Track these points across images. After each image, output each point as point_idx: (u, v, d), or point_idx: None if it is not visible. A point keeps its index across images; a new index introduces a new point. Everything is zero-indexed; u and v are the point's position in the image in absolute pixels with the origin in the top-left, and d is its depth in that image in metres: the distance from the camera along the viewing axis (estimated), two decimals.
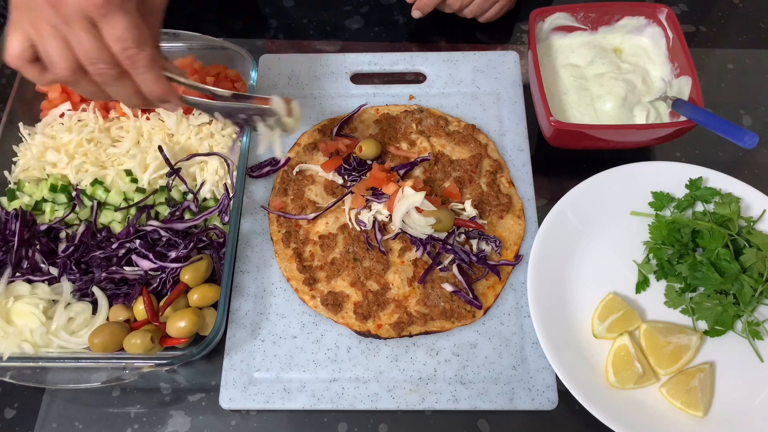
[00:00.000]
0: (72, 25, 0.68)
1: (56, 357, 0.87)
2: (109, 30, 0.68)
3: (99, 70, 0.71)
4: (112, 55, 0.70)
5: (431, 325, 0.93)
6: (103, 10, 0.67)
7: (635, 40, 1.13)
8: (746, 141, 0.86)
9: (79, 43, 0.69)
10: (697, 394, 0.85)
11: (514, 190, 1.05)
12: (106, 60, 0.70)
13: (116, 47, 0.69)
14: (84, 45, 0.69)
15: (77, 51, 0.70)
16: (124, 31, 0.69)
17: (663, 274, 0.95)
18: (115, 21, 0.68)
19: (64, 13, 0.67)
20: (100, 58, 0.70)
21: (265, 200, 1.05)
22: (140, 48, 0.70)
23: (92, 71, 0.71)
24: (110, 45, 0.69)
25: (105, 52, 0.70)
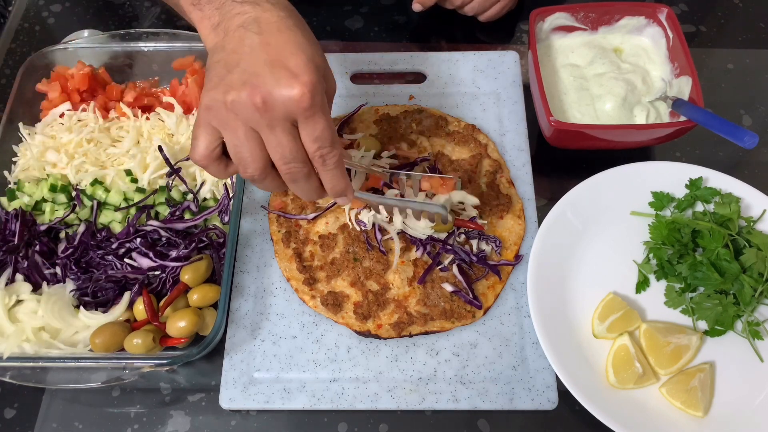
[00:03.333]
0: (275, 129, 0.68)
1: (56, 357, 0.87)
2: (309, 131, 0.69)
3: (291, 169, 0.72)
4: (305, 155, 0.72)
5: (431, 325, 0.93)
6: (309, 112, 0.67)
7: (635, 40, 1.13)
8: (746, 141, 0.86)
9: (279, 145, 0.70)
10: (697, 394, 0.85)
11: (514, 190, 1.05)
12: (300, 160, 0.71)
13: (312, 147, 0.71)
14: (284, 147, 0.70)
15: (273, 152, 0.71)
16: (322, 132, 0.69)
17: (663, 274, 0.95)
18: (316, 122, 0.69)
19: (271, 117, 0.67)
20: (296, 158, 0.71)
21: (265, 200, 1.05)
22: (333, 147, 0.71)
23: (284, 170, 0.72)
24: (307, 145, 0.71)
25: (301, 153, 0.71)
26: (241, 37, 0.69)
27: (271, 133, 0.69)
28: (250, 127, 0.69)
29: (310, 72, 0.67)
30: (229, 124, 0.69)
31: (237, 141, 0.70)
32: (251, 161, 0.71)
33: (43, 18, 1.31)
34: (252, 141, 0.70)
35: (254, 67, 0.67)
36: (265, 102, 0.66)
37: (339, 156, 0.73)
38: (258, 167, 0.72)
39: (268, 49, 0.68)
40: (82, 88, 1.09)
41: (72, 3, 1.33)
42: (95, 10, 1.32)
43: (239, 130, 0.69)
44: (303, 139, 0.70)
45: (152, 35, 1.13)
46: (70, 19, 1.31)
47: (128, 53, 1.15)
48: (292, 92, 0.66)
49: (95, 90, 1.12)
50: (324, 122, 0.69)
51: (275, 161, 0.72)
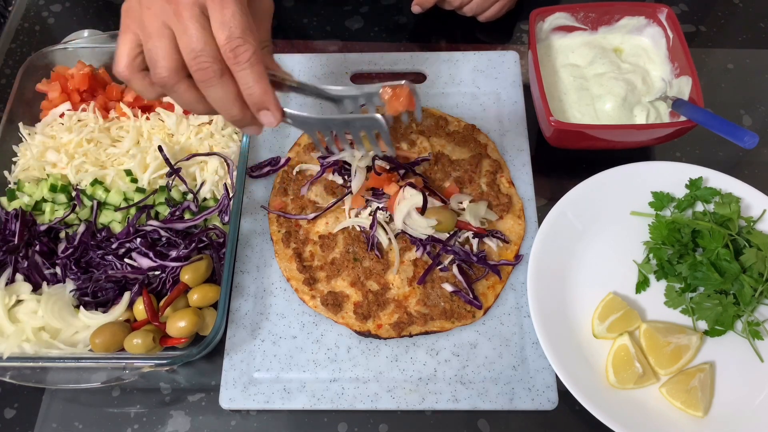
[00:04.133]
0: (182, 15, 0.64)
1: (56, 357, 0.87)
2: (217, 15, 0.65)
3: (201, 65, 0.66)
4: (216, 50, 0.66)
5: (431, 325, 0.93)
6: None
7: (635, 40, 1.13)
8: (746, 141, 0.86)
9: (186, 34, 0.65)
10: (697, 394, 0.85)
11: (514, 190, 1.05)
12: (209, 53, 0.66)
13: (221, 36, 0.65)
14: (190, 36, 0.65)
15: (182, 44, 0.66)
16: (231, 17, 0.65)
17: (663, 274, 0.95)
18: (225, 7, 0.65)
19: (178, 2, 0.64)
20: (204, 50, 0.65)
21: (265, 200, 1.05)
22: (244, 39, 0.66)
23: (194, 66, 0.66)
24: (216, 33, 0.65)
25: (210, 45, 0.66)
26: None
27: (179, 23, 0.65)
28: (163, 21, 0.65)
29: None
30: (144, 23, 0.66)
31: (149, 39, 0.66)
32: (161, 58, 0.66)
33: (43, 18, 1.31)
34: (164, 38, 0.66)
35: None
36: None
37: (253, 52, 0.67)
38: (167, 66, 0.66)
39: None
40: (82, 88, 1.09)
41: (72, 3, 1.33)
42: (95, 10, 1.32)
43: (152, 26, 0.65)
44: (213, 29, 0.66)
45: None
46: (70, 19, 1.31)
47: None
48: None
49: (95, 90, 1.12)
50: (234, 7, 0.65)
51: (185, 58, 0.66)
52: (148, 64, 0.68)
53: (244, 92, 0.69)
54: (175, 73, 0.67)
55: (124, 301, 0.91)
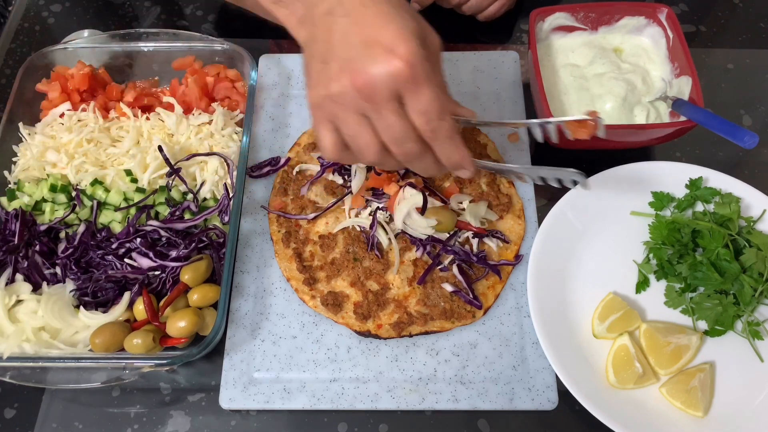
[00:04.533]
0: (381, 111, 0.66)
1: (56, 357, 0.87)
2: (414, 105, 0.67)
3: (405, 150, 0.70)
4: (416, 133, 0.69)
5: (431, 325, 0.93)
6: (413, 84, 0.65)
7: (635, 40, 1.13)
8: (746, 141, 0.86)
9: (388, 127, 0.68)
10: (697, 394, 0.85)
11: (514, 190, 1.05)
12: (411, 138, 0.69)
13: (420, 121, 0.68)
14: (393, 128, 0.68)
15: (384, 136, 0.69)
16: (428, 104, 0.66)
17: (663, 274, 0.95)
18: (420, 95, 0.66)
19: (376, 99, 0.65)
20: (406, 137, 0.69)
21: (265, 200, 1.05)
22: (441, 118, 0.68)
23: (397, 153, 0.71)
24: (415, 120, 0.68)
25: (410, 131, 0.68)
26: (328, 24, 0.66)
27: (378, 117, 0.67)
28: (360, 113, 0.67)
29: (404, 41, 0.63)
30: (340, 116, 0.68)
31: (350, 131, 0.69)
32: (366, 149, 0.70)
33: (43, 18, 1.31)
34: (364, 128, 0.68)
35: (348, 51, 0.64)
36: (367, 85, 0.64)
37: (450, 126, 0.69)
38: (374, 152, 0.70)
39: (358, 29, 0.64)
40: (82, 88, 1.09)
41: (72, 3, 1.33)
42: (95, 10, 1.32)
43: (350, 120, 0.68)
44: (410, 115, 0.67)
45: (152, 35, 1.13)
46: (70, 19, 1.31)
47: (128, 53, 1.15)
48: (389, 68, 0.63)
49: (95, 90, 1.12)
50: (429, 93, 0.66)
51: (388, 145, 0.70)
52: (352, 149, 0.72)
53: (443, 160, 0.74)
54: (380, 155, 0.72)
55: (124, 301, 0.91)
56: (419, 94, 0.65)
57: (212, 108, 1.09)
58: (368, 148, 0.70)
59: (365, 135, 0.69)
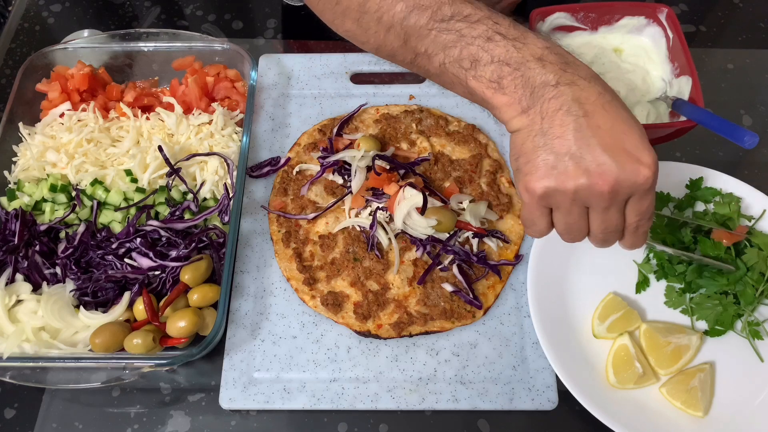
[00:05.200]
0: (610, 209, 0.69)
1: (56, 357, 0.87)
2: (637, 207, 0.70)
3: (607, 237, 0.73)
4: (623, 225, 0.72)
5: (431, 325, 0.93)
6: (648, 192, 0.68)
7: (635, 40, 1.13)
8: (746, 141, 0.86)
9: (606, 220, 0.71)
10: (697, 394, 0.85)
11: (515, 190, 1.05)
12: (619, 230, 0.73)
13: (633, 219, 0.71)
14: (610, 222, 0.71)
15: (598, 225, 0.72)
16: (648, 207, 0.70)
17: (663, 274, 0.95)
18: (646, 200, 0.69)
19: (613, 201, 0.68)
20: (616, 229, 0.72)
21: (265, 200, 1.05)
22: (650, 219, 0.72)
23: (599, 237, 0.74)
24: (629, 216, 0.71)
25: (621, 224, 0.72)
26: (563, 121, 0.66)
27: (604, 212, 0.70)
28: (583, 203, 0.69)
29: (649, 152, 0.66)
30: (564, 207, 0.70)
31: (570, 220, 0.72)
32: (579, 234, 0.74)
33: (43, 18, 1.31)
34: (583, 219, 0.72)
35: (591, 154, 0.65)
36: (613, 190, 0.66)
37: (650, 224, 0.74)
38: (581, 236, 0.75)
39: (600, 132, 0.66)
40: (82, 88, 1.09)
41: (72, 3, 1.33)
42: (95, 10, 1.32)
43: (574, 212, 0.70)
44: (627, 211, 0.71)
45: (152, 35, 1.13)
46: (70, 19, 1.31)
47: (128, 53, 1.15)
48: (638, 178, 0.65)
49: (95, 90, 1.12)
50: (653, 199, 0.70)
51: (593, 229, 0.73)
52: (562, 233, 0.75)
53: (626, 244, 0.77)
54: (584, 237, 0.75)
55: (124, 301, 0.91)
56: (646, 200, 0.69)
57: (212, 108, 1.09)
58: (580, 234, 0.74)
59: (582, 223, 0.72)
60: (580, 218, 0.71)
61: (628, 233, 0.74)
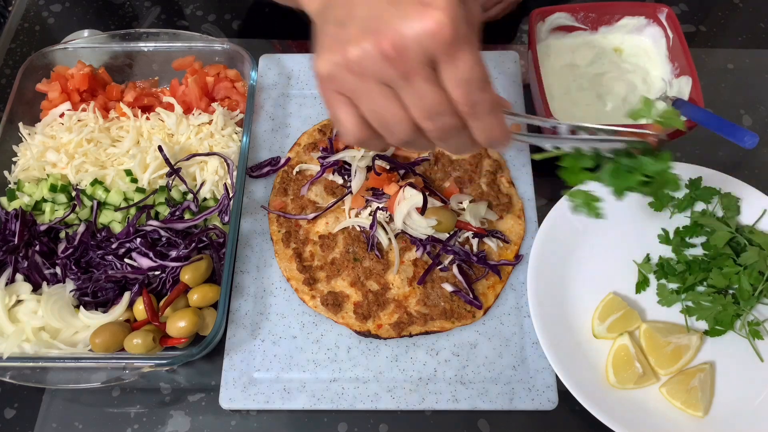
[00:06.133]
0: (411, 78, 0.55)
1: (56, 357, 0.87)
2: (452, 73, 0.55)
3: (439, 125, 0.59)
4: (451, 107, 0.58)
5: (431, 325, 0.93)
6: (452, 47, 0.53)
7: (635, 40, 1.13)
8: (746, 141, 0.86)
9: (420, 98, 0.57)
10: (697, 394, 0.85)
11: (514, 190, 1.05)
12: (446, 112, 0.58)
13: (458, 93, 0.57)
14: (424, 100, 0.57)
15: (414, 109, 0.58)
16: (469, 72, 0.55)
17: (663, 274, 0.95)
18: (459, 60, 0.55)
19: (405, 64, 0.54)
20: (443, 111, 0.58)
21: (265, 200, 1.05)
22: (483, 90, 0.57)
23: (429, 128, 0.59)
24: (452, 91, 0.57)
25: (446, 105, 0.57)
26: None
27: (408, 86, 0.56)
28: (384, 84, 0.56)
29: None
30: (359, 89, 0.57)
31: (374, 105, 0.58)
32: (396, 125, 0.59)
33: (43, 18, 1.31)
34: (391, 101, 0.57)
35: (372, 10, 0.54)
36: (395, 46, 0.53)
37: (492, 101, 0.59)
38: (405, 129, 0.59)
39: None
40: (82, 88, 1.09)
41: (72, 3, 1.33)
42: (95, 10, 1.32)
43: (373, 93, 0.57)
44: (446, 85, 0.56)
45: (152, 35, 1.13)
46: (70, 19, 1.31)
47: (128, 53, 1.15)
48: (425, 24, 0.52)
49: (95, 90, 1.12)
50: (471, 58, 0.55)
51: (418, 120, 0.59)
52: (377, 128, 0.61)
53: (481, 137, 0.62)
54: (413, 132, 0.60)
55: (124, 301, 0.91)
56: (458, 60, 0.54)
57: (212, 108, 1.09)
58: (398, 125, 0.59)
59: (393, 109, 0.58)
60: (387, 102, 0.57)
61: (467, 117, 0.59)
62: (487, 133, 0.61)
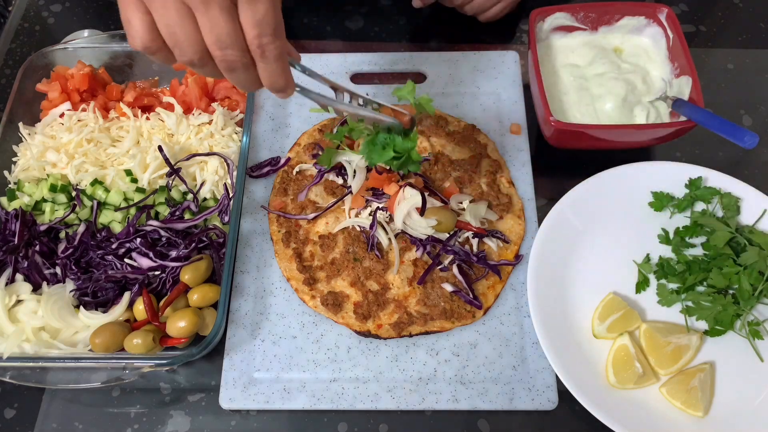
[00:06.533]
0: (210, 5, 0.60)
1: (56, 357, 0.87)
2: (248, 12, 0.61)
3: (227, 56, 0.63)
4: (243, 42, 0.63)
5: (431, 325, 0.93)
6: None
7: (635, 40, 1.13)
8: (746, 141, 0.86)
9: (214, 25, 0.61)
10: (697, 394, 0.85)
11: (514, 190, 1.05)
12: (237, 47, 0.63)
13: (252, 33, 0.62)
14: (218, 28, 0.61)
15: (208, 35, 0.62)
16: (264, 15, 0.61)
17: (663, 274, 0.95)
18: (259, 3, 0.61)
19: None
20: (233, 44, 0.63)
21: (265, 200, 1.05)
22: (275, 36, 0.63)
23: (218, 57, 0.64)
24: (246, 30, 0.62)
25: (239, 39, 0.63)
26: None
27: (205, 11, 0.60)
28: (183, 2, 0.60)
29: None
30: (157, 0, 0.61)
31: (168, 20, 0.61)
32: (187, 44, 0.63)
33: (43, 18, 1.31)
34: (187, 20, 0.61)
35: None
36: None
37: (281, 48, 0.65)
38: (197, 50, 0.63)
39: None
40: (82, 88, 1.09)
41: (72, 3, 1.33)
42: (95, 10, 1.32)
43: (170, 7, 0.60)
44: (242, 22, 0.62)
45: None
46: (70, 19, 1.31)
47: (128, 53, 1.15)
48: None
49: (95, 90, 1.12)
50: (267, 5, 0.61)
51: (209, 46, 0.63)
52: (170, 45, 0.64)
53: (265, 81, 0.68)
54: (202, 56, 0.64)
55: (124, 301, 0.91)
56: (258, 3, 0.61)
57: (212, 108, 1.09)
58: (189, 44, 0.62)
59: (186, 28, 0.61)
60: (182, 20, 0.61)
61: (256, 57, 0.65)
62: (272, 76, 0.67)
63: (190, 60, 0.64)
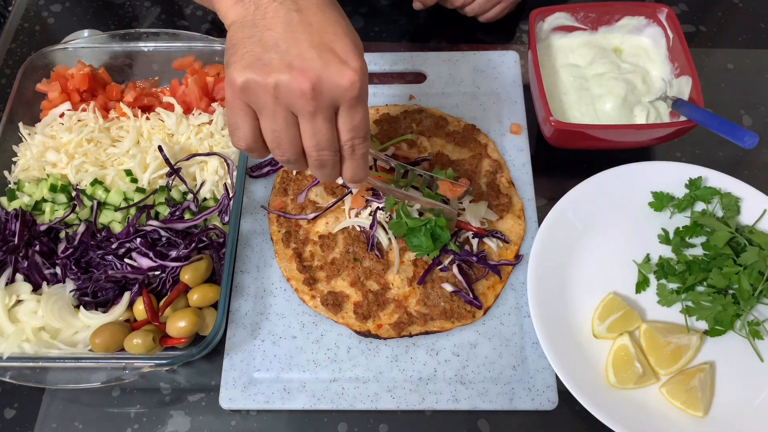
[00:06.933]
0: (316, 116, 0.66)
1: (56, 357, 0.87)
2: (348, 120, 0.68)
3: (322, 156, 0.70)
4: (337, 143, 0.70)
5: (431, 325, 0.93)
6: (355, 101, 0.66)
7: (635, 40, 1.13)
8: (746, 141, 0.86)
9: (317, 132, 0.67)
10: (697, 394, 0.85)
11: (514, 190, 1.05)
12: (333, 148, 0.70)
13: (347, 136, 0.69)
14: (320, 135, 0.67)
15: (308, 139, 0.68)
16: (361, 122, 0.68)
17: (663, 274, 0.95)
18: (357, 112, 0.67)
19: (317, 104, 0.64)
20: (330, 147, 0.69)
21: (265, 200, 1.05)
22: (365, 139, 0.70)
23: (313, 156, 0.70)
24: (342, 133, 0.69)
25: (334, 142, 0.69)
26: (275, 12, 0.64)
27: (311, 120, 0.66)
28: (290, 110, 0.66)
29: (358, 58, 0.65)
30: (269, 108, 0.65)
31: (276, 126, 0.67)
32: (288, 146, 0.69)
33: (43, 18, 1.31)
34: (292, 127, 0.67)
35: (298, 48, 0.63)
36: (315, 88, 0.63)
37: (368, 147, 0.72)
38: (294, 152, 0.70)
39: (310, 29, 0.64)
40: (82, 88, 1.09)
41: (72, 3, 1.33)
42: (95, 10, 1.32)
43: (279, 115, 0.66)
44: (339, 127, 0.68)
45: (152, 35, 1.13)
46: (70, 19, 1.31)
47: (128, 53, 1.15)
48: (342, 80, 0.63)
49: (95, 90, 1.12)
50: (364, 112, 0.68)
51: (307, 148, 0.69)
52: (271, 146, 0.70)
53: (347, 174, 0.75)
54: (298, 155, 0.71)
55: (124, 301, 0.91)
56: (356, 111, 0.67)
57: (212, 108, 1.09)
58: (289, 147, 0.69)
59: (290, 132, 0.67)
60: (288, 126, 0.67)
61: (345, 155, 0.71)
62: (354, 170, 0.74)
63: (287, 159, 0.71)
